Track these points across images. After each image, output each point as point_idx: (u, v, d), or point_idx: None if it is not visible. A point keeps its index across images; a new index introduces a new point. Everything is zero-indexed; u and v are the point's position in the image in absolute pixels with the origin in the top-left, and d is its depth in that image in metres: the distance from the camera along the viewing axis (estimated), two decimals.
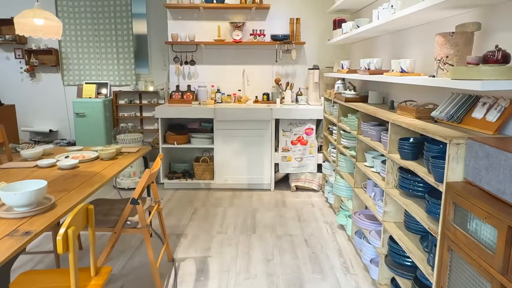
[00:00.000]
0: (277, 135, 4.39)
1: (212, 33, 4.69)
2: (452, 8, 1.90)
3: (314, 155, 4.37)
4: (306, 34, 4.74)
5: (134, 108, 6.44)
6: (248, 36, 4.69)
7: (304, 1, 4.69)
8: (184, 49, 4.76)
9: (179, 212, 3.79)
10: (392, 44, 3.10)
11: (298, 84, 4.85)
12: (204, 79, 4.84)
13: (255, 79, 4.83)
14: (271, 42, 4.62)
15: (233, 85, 4.85)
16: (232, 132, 4.28)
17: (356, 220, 2.80)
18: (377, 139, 2.61)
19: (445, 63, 1.86)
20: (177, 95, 4.73)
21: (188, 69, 4.84)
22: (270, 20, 4.73)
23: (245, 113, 4.21)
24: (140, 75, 6.45)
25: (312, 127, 4.32)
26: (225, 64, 4.81)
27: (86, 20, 6.17)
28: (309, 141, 4.35)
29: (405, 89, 2.83)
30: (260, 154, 4.33)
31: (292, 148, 4.35)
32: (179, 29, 4.72)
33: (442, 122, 2.01)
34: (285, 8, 4.70)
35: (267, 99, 4.80)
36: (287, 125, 4.32)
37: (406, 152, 2.05)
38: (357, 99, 3.30)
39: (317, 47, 4.80)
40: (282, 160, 4.37)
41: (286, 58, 4.78)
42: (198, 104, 4.56)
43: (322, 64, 4.76)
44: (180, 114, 4.27)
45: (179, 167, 4.65)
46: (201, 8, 4.55)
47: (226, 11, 4.69)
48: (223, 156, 4.34)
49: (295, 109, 4.25)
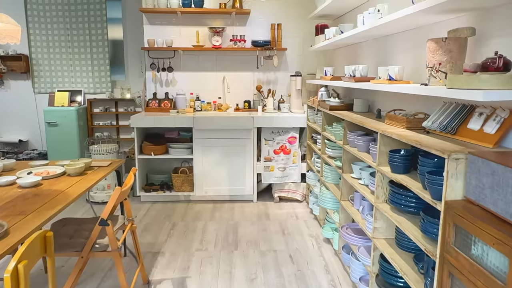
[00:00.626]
0: (259, 144, 4.23)
1: (191, 39, 4.52)
2: (443, 12, 1.79)
3: (297, 165, 4.23)
4: (287, 40, 4.62)
5: (110, 116, 6.17)
6: (228, 42, 4.53)
7: (285, 6, 4.57)
8: (161, 55, 4.56)
9: (157, 227, 3.57)
10: (377, 50, 2.99)
11: (280, 91, 4.71)
12: (183, 86, 4.65)
13: (235, 86, 4.67)
14: (252, 48, 4.48)
15: (213, 93, 4.67)
16: (212, 142, 4.10)
17: (343, 235, 2.65)
18: (365, 150, 2.49)
19: (438, 71, 1.74)
20: (154, 103, 4.52)
21: (166, 76, 4.64)
22: (250, 25, 4.59)
23: (225, 121, 4.04)
24: (116, 82, 6.20)
25: (295, 136, 4.18)
26: (204, 70, 4.63)
27: (59, 24, 5.89)
28: (292, 150, 4.20)
29: (392, 97, 2.72)
30: (241, 164, 4.16)
31: (274, 157, 4.20)
32: (156, 34, 4.52)
33: (434, 133, 1.89)
34: (266, 13, 4.57)
35: (249, 107, 4.64)
36: (270, 134, 4.17)
37: (397, 165, 1.92)
38: (342, 107, 3.18)
39: (299, 53, 4.68)
40: (264, 170, 4.21)
41: (268, 65, 4.64)
42: (176, 112, 4.36)
43: (305, 71, 4.65)
44: (157, 123, 4.06)
45: (156, 178, 4.43)
46: (179, 13, 4.37)
47: (205, 16, 4.52)
48: (203, 167, 4.15)
49: (278, 117, 4.11)
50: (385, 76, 2.31)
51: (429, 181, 1.53)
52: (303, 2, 4.57)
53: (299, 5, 4.58)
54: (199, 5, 4.35)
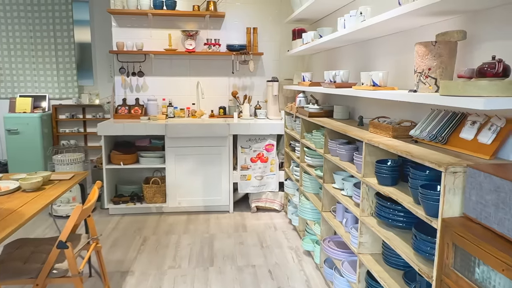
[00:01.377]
0: (235, 152, 4.06)
1: (163, 42, 4.31)
2: (432, 15, 1.69)
3: (275, 173, 4.08)
4: (263, 44, 4.49)
5: (76, 123, 5.84)
6: (202, 45, 4.35)
7: (261, 10, 4.44)
8: (131, 59, 4.33)
9: (126, 242, 3.33)
10: (358, 55, 2.90)
11: (256, 97, 4.57)
12: (154, 91, 4.42)
13: (210, 92, 4.49)
14: (227, 53, 4.32)
15: (186, 99, 4.47)
16: (186, 150, 3.90)
17: (325, 249, 2.52)
18: (348, 159, 2.37)
19: (427, 76, 1.63)
20: (124, 110, 4.27)
21: (136, 81, 4.40)
22: (225, 29, 4.43)
23: (200, 129, 3.85)
24: (83, 87, 5.88)
25: (272, 143, 4.04)
26: (177, 75, 4.43)
27: (21, 26, 5.54)
28: (270, 158, 4.06)
29: (374, 104, 2.62)
30: (217, 173, 3.98)
31: (251, 166, 4.03)
32: (125, 37, 4.29)
33: (423, 142, 1.78)
34: (241, 17, 4.43)
35: (224, 113, 4.47)
36: (246, 141, 4.01)
37: (385, 177, 1.80)
38: (322, 113, 3.06)
39: (275, 58, 4.56)
40: (241, 179, 4.04)
41: (243, 70, 4.49)
42: (147, 119, 4.13)
43: (281, 76, 4.53)
44: (127, 131, 3.82)
45: (126, 189, 4.17)
46: (150, 15, 4.16)
47: (178, 19, 4.33)
48: (176, 177, 3.93)
49: (254, 124, 3.95)
50: (368, 82, 2.20)
51: (423, 196, 1.41)
52: (279, 6, 4.45)
53: (275, 9, 4.46)
54: (171, 7, 4.15)
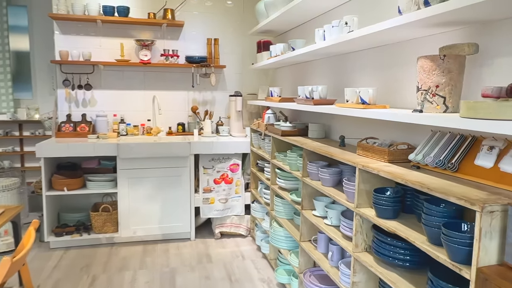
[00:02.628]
0: (196, 174, 3.70)
1: (114, 52, 3.89)
2: (436, 25, 1.50)
3: (241, 195, 3.77)
4: (225, 56, 4.21)
5: (12, 141, 5.18)
6: (158, 56, 3.98)
7: (221, 20, 4.17)
8: (78, 70, 3.85)
9: (70, 284, 2.84)
10: (335, 69, 2.70)
11: (218, 113, 4.26)
12: (104, 107, 3.96)
13: (168, 107, 4.11)
14: (186, 65, 3.98)
15: (141, 114, 4.06)
16: (141, 172, 3.48)
17: (307, 285, 2.24)
18: (331, 184, 2.12)
19: (435, 94, 1.43)
20: (68, 127, 3.77)
21: (83, 95, 3.92)
22: (184, 39, 4.10)
23: (157, 148, 3.46)
24: (20, 101, 5.25)
25: (237, 163, 3.74)
26: (130, 89, 4.01)
27: None
28: (235, 179, 3.74)
29: (355, 122, 2.41)
30: (176, 197, 3.59)
31: (215, 188, 3.69)
32: (70, 45, 3.81)
33: (426, 168, 1.57)
34: (201, 27, 4.13)
35: (183, 131, 4.10)
36: (209, 161, 3.67)
37: (385, 209, 1.56)
38: (295, 132, 2.82)
39: (238, 72, 4.29)
40: (204, 203, 3.68)
41: (204, 83, 4.17)
42: (96, 137, 3.67)
43: (244, 91, 4.26)
44: (71, 152, 3.34)
45: (71, 218, 3.65)
46: (99, 22, 3.73)
47: (131, 27, 3.93)
48: (130, 202, 3.49)
49: (217, 142, 3.63)
50: (354, 99, 1.98)
51: (447, 239, 1.17)
52: (242, 16, 4.21)
53: (236, 19, 4.21)
54: (124, 13, 3.76)
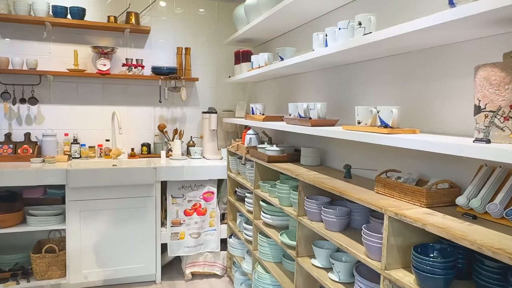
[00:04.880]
0: (164, 204, 3.15)
1: (66, 60, 3.31)
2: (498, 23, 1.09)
3: (216, 228, 3.24)
4: (197, 68, 3.72)
5: None
6: (119, 67, 3.44)
7: (193, 27, 3.70)
8: (20, 81, 3.23)
9: None
10: (332, 83, 2.27)
11: (189, 132, 3.74)
12: (53, 124, 3.35)
13: (130, 125, 3.55)
14: (153, 77, 3.46)
15: (97, 133, 3.47)
16: (96, 204, 2.89)
17: None
18: (338, 228, 1.66)
19: (508, 118, 1.00)
20: (6, 149, 3.13)
21: (27, 110, 3.30)
22: (150, 48, 3.58)
23: (115, 175, 2.89)
24: None
25: (212, 191, 3.22)
26: (85, 103, 3.43)
27: None
28: (209, 209, 3.22)
29: (362, 147, 1.97)
30: (139, 232, 3.01)
31: (186, 220, 3.15)
32: (11, 51, 3.20)
33: (485, 219, 1.14)
34: (170, 35, 3.63)
35: (148, 152, 3.55)
36: (178, 189, 3.13)
37: (434, 278, 1.10)
38: (284, 158, 2.35)
39: (211, 85, 3.80)
40: (172, 239, 3.12)
41: (173, 98, 3.65)
42: (41, 161, 3.05)
43: (219, 107, 3.77)
44: (6, 181, 2.71)
45: (7, 261, 2.98)
46: (48, 24, 3.16)
47: (87, 32, 3.38)
48: (82, 241, 2.88)
49: (189, 166, 3.10)
50: (369, 120, 1.55)
51: None
52: (216, 24, 3.76)
53: (211, 27, 3.75)
54: (78, 15, 3.21)
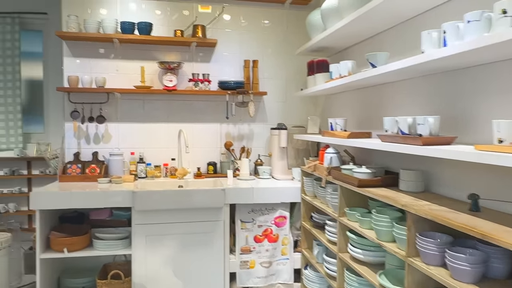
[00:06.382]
0: (233, 229, 2.89)
1: (133, 77, 3.23)
2: None
3: (289, 257, 2.92)
4: (265, 82, 3.48)
5: (19, 181, 4.54)
6: (186, 82, 3.30)
7: (259, 39, 3.48)
8: (89, 99, 3.19)
9: None
10: (438, 92, 1.89)
11: (257, 150, 3.48)
12: (120, 143, 3.27)
13: (196, 143, 3.37)
14: (220, 92, 3.27)
15: (163, 152, 3.33)
16: (162, 228, 2.71)
17: None
18: (472, 280, 1.27)
19: None
20: (75, 168, 3.07)
21: (95, 129, 3.25)
22: (217, 61, 3.41)
23: (183, 198, 2.69)
24: (30, 135, 4.66)
25: (284, 215, 2.91)
26: (151, 121, 3.32)
27: None
28: (281, 236, 2.91)
29: (481, 171, 1.57)
30: (206, 260, 2.78)
31: (256, 247, 2.87)
32: (81, 70, 3.18)
33: None
34: (236, 47, 3.44)
35: (214, 172, 3.34)
36: (248, 213, 2.87)
37: None
38: (378, 182, 2.00)
39: (280, 100, 3.54)
40: (241, 267, 2.84)
41: (240, 114, 3.43)
42: (108, 181, 2.95)
43: (288, 122, 3.48)
44: (75, 203, 2.61)
45: (74, 285, 2.88)
46: (116, 41, 3.09)
47: (154, 47, 3.28)
48: (148, 267, 2.70)
49: (259, 188, 2.84)
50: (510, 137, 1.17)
51: None
52: (284, 34, 3.51)
53: (278, 38, 3.51)
54: (145, 31, 3.12)
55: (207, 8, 3.40)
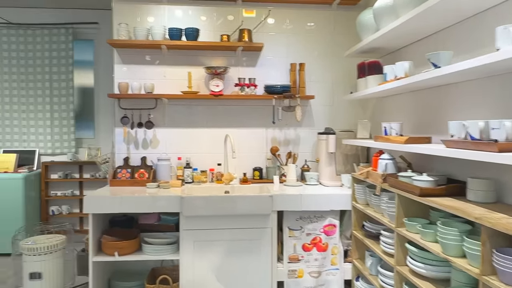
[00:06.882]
0: (280, 237, 2.82)
1: (180, 83, 3.26)
2: None
3: (339, 268, 2.80)
4: (311, 85, 3.39)
5: (71, 184, 4.74)
6: (231, 87, 3.28)
7: (305, 41, 3.40)
8: (138, 105, 3.25)
9: None
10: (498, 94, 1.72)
11: (303, 155, 3.39)
12: (167, 148, 3.30)
13: (242, 148, 3.34)
14: (266, 96, 3.22)
15: (209, 157, 3.33)
16: (210, 234, 2.68)
17: None
18: None
19: None
20: (125, 173, 3.13)
21: (144, 134, 3.30)
22: (262, 65, 3.37)
23: (231, 204, 2.65)
24: (82, 140, 4.85)
25: (334, 223, 2.80)
26: (198, 126, 3.32)
27: (10, 68, 4.63)
28: (331, 245, 2.80)
29: None
30: (253, 267, 2.72)
31: (304, 256, 2.77)
32: (131, 76, 3.25)
33: None
34: (281, 50, 3.38)
35: (260, 177, 3.29)
36: (296, 221, 2.78)
37: None
38: (441, 191, 1.85)
39: (327, 103, 3.43)
40: (289, 277, 2.76)
41: (286, 119, 3.36)
42: (156, 186, 2.97)
43: (335, 127, 3.36)
44: (125, 207, 2.65)
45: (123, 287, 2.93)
46: (164, 47, 3.13)
47: (200, 53, 3.30)
48: (196, 273, 2.69)
49: (307, 194, 2.74)
50: None
51: None
52: (331, 36, 3.41)
53: (325, 40, 3.41)
54: (193, 37, 3.13)
55: (251, 13, 3.38)
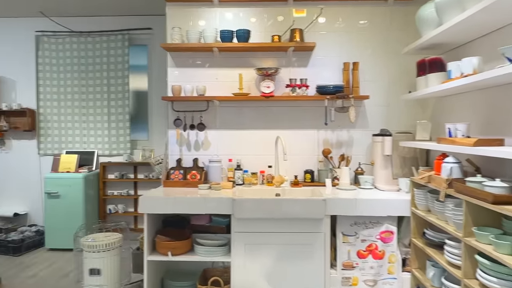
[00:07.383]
0: (333, 242, 2.73)
1: (231, 85, 3.26)
2: None
3: (396, 277, 2.66)
4: (365, 85, 3.26)
5: (126, 184, 4.93)
6: (282, 88, 3.23)
7: (358, 39, 3.27)
8: (190, 107, 3.30)
9: None
10: None
11: (357, 158, 3.26)
12: (218, 150, 3.32)
13: (293, 150, 3.28)
14: (318, 97, 3.14)
15: (260, 159, 3.30)
16: (261, 237, 2.65)
17: None
18: None
19: None
20: (178, 174, 3.19)
21: (195, 136, 3.34)
22: (314, 66, 3.29)
23: (283, 207, 2.60)
24: (136, 142, 5.03)
25: (391, 230, 2.66)
26: (249, 128, 3.31)
27: (72, 74, 4.91)
28: (387, 253, 2.66)
29: None
30: (307, 273, 2.65)
31: (359, 263, 2.66)
32: (184, 79, 3.31)
33: None
34: (333, 50, 3.28)
35: (311, 180, 3.21)
36: (350, 226, 2.68)
37: None
38: None
39: (383, 104, 3.28)
40: (343, 284, 2.66)
41: (339, 120, 3.26)
42: (207, 188, 3.00)
43: (392, 128, 3.20)
44: (178, 207, 2.69)
45: (176, 287, 2.97)
46: (216, 50, 3.16)
47: (251, 54, 3.28)
48: (247, 276, 2.67)
49: (362, 199, 2.63)
50: None
51: None
52: (387, 32, 3.25)
53: (379, 37, 3.26)
54: (244, 38, 3.13)
55: (302, 12, 3.31)
